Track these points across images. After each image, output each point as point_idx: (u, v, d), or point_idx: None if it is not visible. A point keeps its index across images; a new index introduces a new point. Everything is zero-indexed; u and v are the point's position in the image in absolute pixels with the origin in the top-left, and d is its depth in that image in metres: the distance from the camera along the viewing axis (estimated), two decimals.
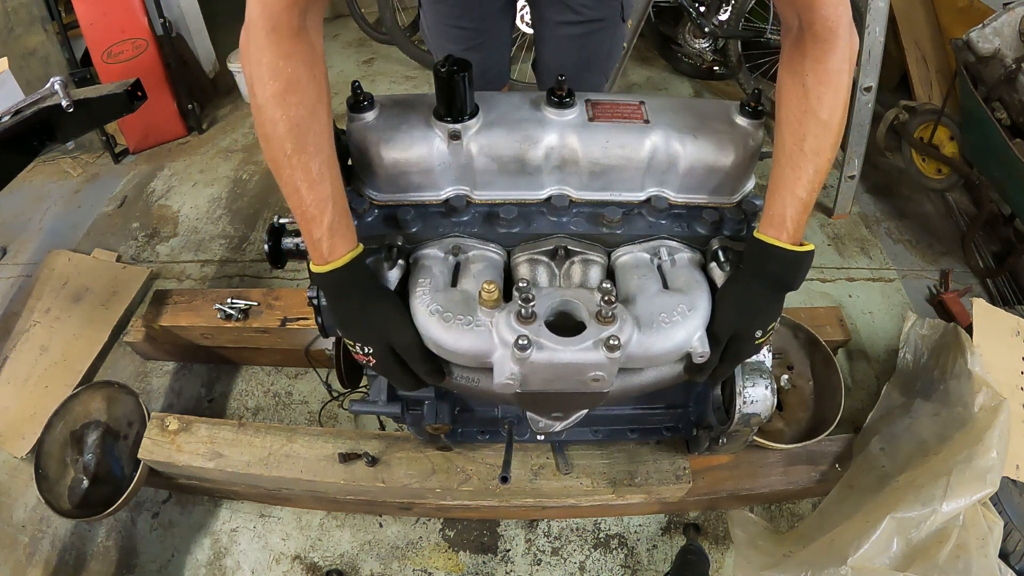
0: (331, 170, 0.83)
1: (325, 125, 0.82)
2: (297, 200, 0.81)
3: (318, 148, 0.81)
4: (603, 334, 0.81)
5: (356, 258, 0.85)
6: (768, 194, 0.90)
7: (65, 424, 1.64)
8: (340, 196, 0.84)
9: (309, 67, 0.79)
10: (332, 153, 0.84)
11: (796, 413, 1.69)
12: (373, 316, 0.88)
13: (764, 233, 0.89)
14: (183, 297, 1.92)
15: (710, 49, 3.07)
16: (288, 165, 0.79)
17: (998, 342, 1.66)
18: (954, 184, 2.36)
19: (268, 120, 0.78)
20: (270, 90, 0.77)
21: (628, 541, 1.64)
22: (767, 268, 0.89)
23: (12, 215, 2.55)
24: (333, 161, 0.84)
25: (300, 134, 0.79)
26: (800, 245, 0.88)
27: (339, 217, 0.83)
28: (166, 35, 2.67)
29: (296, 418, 1.90)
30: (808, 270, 0.91)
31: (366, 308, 0.87)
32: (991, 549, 1.31)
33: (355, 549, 1.63)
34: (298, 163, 0.79)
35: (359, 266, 0.86)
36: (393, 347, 0.89)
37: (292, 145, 0.79)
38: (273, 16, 0.75)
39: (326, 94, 0.83)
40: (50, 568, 1.61)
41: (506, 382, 0.83)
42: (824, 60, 0.83)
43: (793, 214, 0.87)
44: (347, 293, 0.87)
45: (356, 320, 0.88)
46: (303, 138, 0.79)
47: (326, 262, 0.84)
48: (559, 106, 0.97)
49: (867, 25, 2.05)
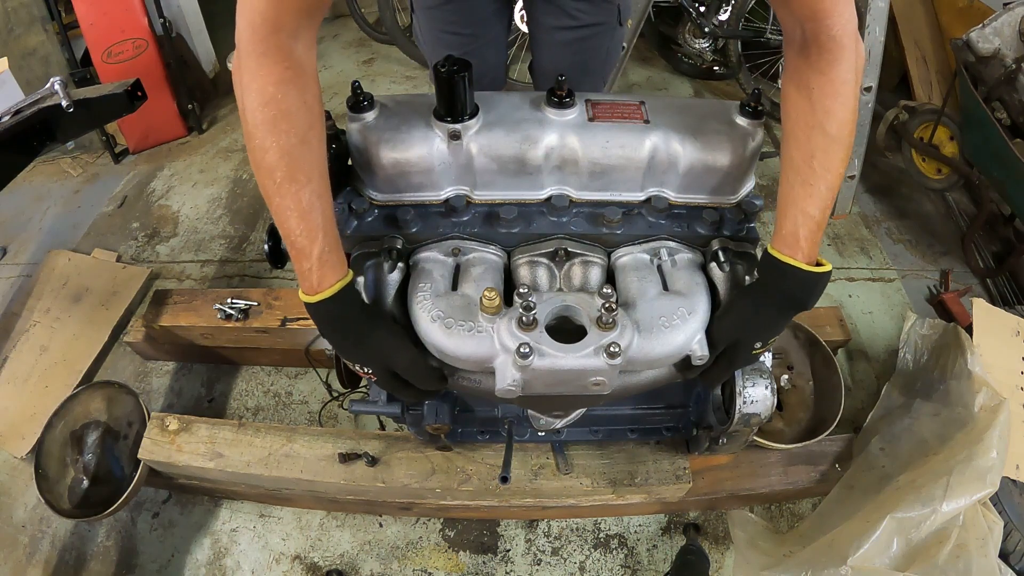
0: (321, 200, 0.81)
1: (316, 152, 0.81)
2: (287, 230, 0.80)
3: (309, 177, 0.79)
4: (604, 340, 0.81)
5: (345, 287, 0.84)
6: (779, 210, 0.87)
7: (65, 424, 1.63)
8: (330, 226, 0.82)
9: (300, 92, 0.77)
10: (324, 182, 0.82)
11: (796, 413, 1.69)
12: (369, 343, 0.87)
13: (779, 251, 0.85)
14: (183, 297, 1.92)
15: (710, 49, 3.07)
16: (278, 193, 0.78)
17: (998, 342, 1.66)
18: (954, 184, 2.36)
19: (258, 147, 0.77)
20: (260, 117, 0.76)
21: (628, 541, 1.64)
22: (781, 287, 0.86)
23: (12, 215, 2.55)
24: (324, 190, 0.82)
25: (291, 162, 0.77)
26: (817, 265, 0.85)
27: (329, 247, 0.82)
28: (166, 35, 2.67)
29: (296, 418, 1.90)
30: (823, 290, 0.87)
31: (361, 336, 0.87)
32: (991, 549, 1.31)
33: (355, 549, 1.63)
34: (288, 191, 0.78)
35: (349, 295, 0.85)
36: (393, 369, 0.89)
37: (282, 173, 0.77)
38: (263, 41, 0.74)
39: (318, 120, 0.81)
40: (50, 568, 1.61)
41: (508, 388, 0.83)
42: (830, 72, 0.80)
43: (807, 233, 0.84)
44: (339, 322, 0.86)
45: (353, 348, 0.88)
46: (294, 166, 0.78)
47: (316, 292, 0.83)
48: (559, 106, 0.97)
49: (867, 25, 2.05)
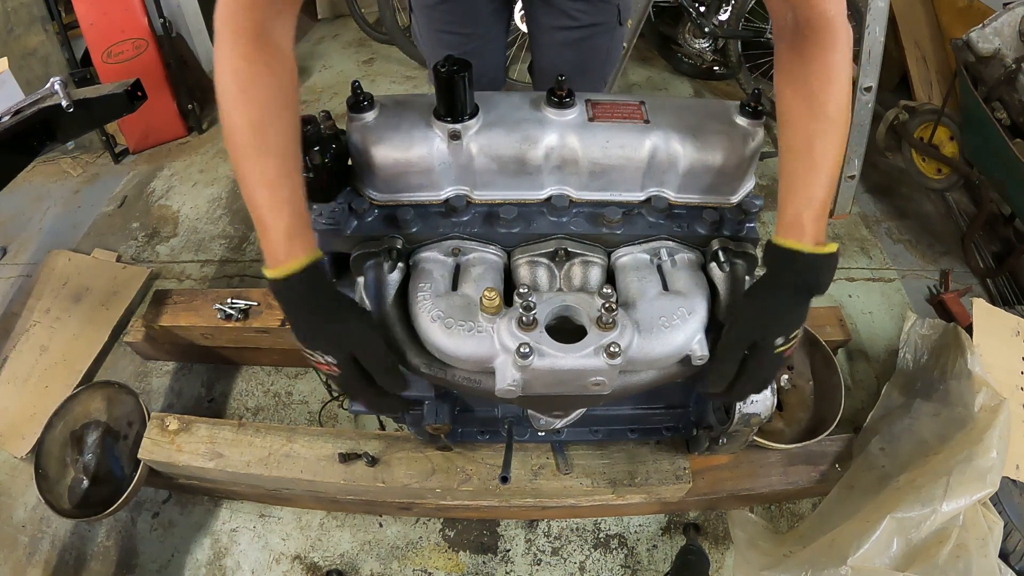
0: (291, 178, 0.80)
1: (288, 128, 0.81)
2: (254, 202, 0.79)
3: (278, 151, 0.79)
4: (603, 340, 0.81)
5: (315, 263, 0.81)
6: (781, 199, 0.87)
7: (65, 424, 1.63)
8: (299, 201, 0.81)
9: (272, 70, 0.79)
10: (294, 158, 0.82)
11: (796, 413, 1.69)
12: (334, 325, 0.83)
13: (784, 238, 0.85)
14: (183, 297, 1.92)
15: (710, 49, 3.07)
16: (246, 166, 0.78)
17: (998, 342, 1.66)
18: (954, 184, 2.36)
19: (229, 121, 0.78)
20: (231, 91, 0.77)
21: (628, 541, 1.64)
22: (789, 273, 0.84)
23: (12, 215, 2.55)
24: (295, 166, 0.82)
25: (261, 136, 0.78)
26: (823, 246, 0.84)
27: (297, 221, 0.80)
28: (166, 35, 2.67)
29: (296, 418, 1.90)
30: (834, 271, 0.86)
31: (327, 316, 0.83)
32: (991, 549, 1.31)
33: (355, 549, 1.63)
34: (256, 164, 0.78)
35: (319, 272, 0.82)
36: (356, 357, 0.84)
37: (252, 146, 0.78)
38: (236, 21, 0.76)
39: (291, 97, 0.81)
40: (50, 568, 1.61)
41: (508, 388, 0.83)
42: (824, 57, 0.82)
43: (812, 215, 0.83)
44: (304, 301, 0.82)
45: (317, 330, 0.84)
46: (263, 139, 0.78)
47: (282, 265, 0.79)
48: (559, 106, 0.97)
49: (867, 25, 2.05)
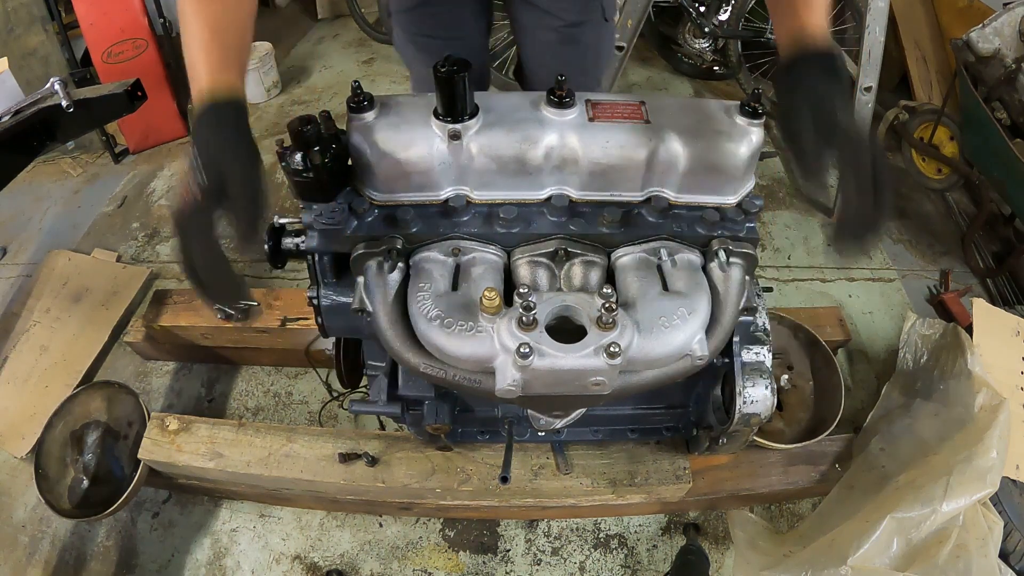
0: (235, 35, 0.85)
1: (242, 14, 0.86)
2: (188, 35, 0.82)
3: (219, 15, 0.83)
4: (603, 340, 0.81)
5: (228, 101, 0.80)
6: (776, 22, 0.89)
7: (65, 424, 1.63)
8: (238, 53, 0.86)
9: None
10: (244, 35, 0.87)
11: (796, 413, 1.69)
12: (224, 140, 0.79)
13: (792, 47, 0.83)
14: (183, 297, 1.92)
15: (710, 49, 3.07)
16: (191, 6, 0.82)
17: (998, 342, 1.66)
18: (954, 184, 2.37)
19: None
20: None
21: (628, 541, 1.64)
22: (814, 66, 0.81)
23: (12, 215, 2.55)
24: (243, 31, 0.87)
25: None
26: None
27: (230, 60, 0.83)
28: (166, 35, 2.67)
29: (296, 418, 1.90)
30: (844, 63, 0.84)
31: (222, 134, 0.80)
32: (991, 549, 1.31)
33: (355, 549, 1.63)
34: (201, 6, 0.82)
35: (231, 108, 0.81)
36: (225, 177, 0.77)
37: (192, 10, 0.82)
38: None
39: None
40: (50, 568, 1.61)
41: (508, 388, 0.83)
42: None
43: (817, 20, 0.83)
44: (211, 127, 0.80)
45: (206, 141, 0.80)
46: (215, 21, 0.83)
47: (212, 91, 0.80)
48: (559, 106, 0.96)
49: (867, 25, 2.05)
